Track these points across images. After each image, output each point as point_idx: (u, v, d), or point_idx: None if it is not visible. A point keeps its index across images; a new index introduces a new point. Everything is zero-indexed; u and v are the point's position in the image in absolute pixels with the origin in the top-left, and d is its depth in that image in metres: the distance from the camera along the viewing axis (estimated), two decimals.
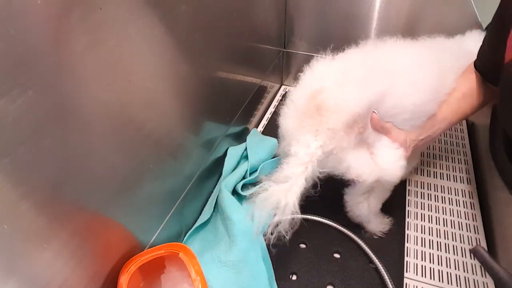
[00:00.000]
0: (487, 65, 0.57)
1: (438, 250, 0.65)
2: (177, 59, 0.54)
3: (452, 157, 0.86)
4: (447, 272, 0.62)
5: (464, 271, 0.62)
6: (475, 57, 0.60)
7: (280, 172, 0.49)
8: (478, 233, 0.68)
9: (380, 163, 0.55)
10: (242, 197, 0.73)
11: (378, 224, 0.67)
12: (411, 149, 0.58)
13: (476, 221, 0.70)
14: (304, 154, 0.49)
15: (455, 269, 0.62)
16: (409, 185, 0.79)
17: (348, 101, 0.51)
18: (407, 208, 0.74)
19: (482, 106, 0.61)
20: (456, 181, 0.80)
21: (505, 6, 0.50)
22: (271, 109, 1.06)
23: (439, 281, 0.60)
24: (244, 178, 0.77)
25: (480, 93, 0.59)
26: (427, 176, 0.81)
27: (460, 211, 0.73)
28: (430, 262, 0.63)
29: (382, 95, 0.54)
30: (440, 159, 0.86)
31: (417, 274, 0.62)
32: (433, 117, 0.59)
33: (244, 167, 0.77)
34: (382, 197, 0.64)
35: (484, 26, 0.80)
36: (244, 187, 0.74)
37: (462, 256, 0.64)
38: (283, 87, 1.17)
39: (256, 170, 0.80)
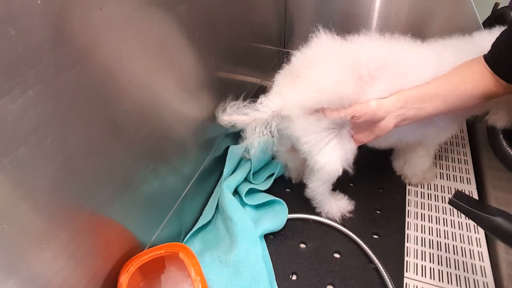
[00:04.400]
0: (503, 59, 0.53)
1: (438, 250, 0.65)
2: (177, 59, 0.54)
3: (452, 157, 0.86)
4: (447, 272, 0.62)
5: (464, 271, 0.62)
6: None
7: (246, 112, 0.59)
8: (478, 233, 0.68)
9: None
10: (245, 200, 0.72)
11: (335, 206, 0.71)
12: (397, 118, 0.55)
13: None
14: (265, 105, 0.57)
15: (455, 269, 0.62)
16: (409, 185, 0.79)
17: (320, 89, 0.54)
18: (407, 208, 0.74)
19: (486, 98, 0.57)
20: (456, 181, 0.80)
21: None
22: None
23: (439, 281, 0.60)
24: (246, 179, 0.77)
25: (484, 83, 0.55)
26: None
27: None
28: (430, 262, 0.63)
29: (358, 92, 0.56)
30: (440, 159, 0.86)
31: (417, 274, 0.62)
32: (422, 91, 0.56)
33: (245, 168, 0.77)
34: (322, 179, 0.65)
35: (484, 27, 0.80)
36: (248, 193, 0.73)
37: (462, 256, 0.64)
38: None
39: (258, 171, 0.80)
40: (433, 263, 0.63)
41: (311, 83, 0.55)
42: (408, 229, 0.69)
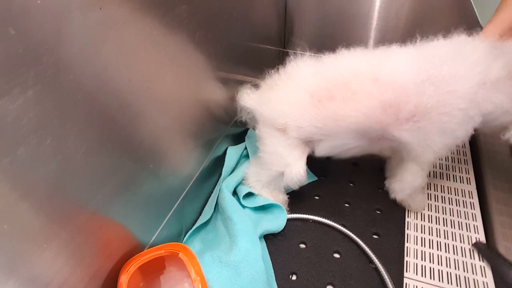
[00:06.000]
0: None
1: (438, 250, 0.65)
2: (177, 59, 0.54)
3: (452, 157, 0.86)
4: (447, 272, 0.62)
5: (464, 271, 0.62)
6: None
7: None
8: (478, 233, 0.68)
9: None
10: (242, 202, 0.72)
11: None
12: None
13: (476, 221, 0.70)
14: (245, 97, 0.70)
15: (455, 269, 0.62)
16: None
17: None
18: (407, 208, 0.74)
19: None
20: (456, 181, 0.80)
21: None
22: None
23: (439, 281, 0.60)
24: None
25: None
26: (427, 176, 0.81)
27: (460, 211, 0.73)
28: (430, 262, 0.63)
29: None
30: (440, 159, 0.85)
31: (417, 274, 0.62)
32: None
33: (245, 167, 0.77)
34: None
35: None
36: (246, 196, 0.73)
37: (462, 256, 0.64)
38: None
39: None
40: (433, 263, 0.63)
41: (275, 103, 0.63)
42: (408, 229, 0.69)
